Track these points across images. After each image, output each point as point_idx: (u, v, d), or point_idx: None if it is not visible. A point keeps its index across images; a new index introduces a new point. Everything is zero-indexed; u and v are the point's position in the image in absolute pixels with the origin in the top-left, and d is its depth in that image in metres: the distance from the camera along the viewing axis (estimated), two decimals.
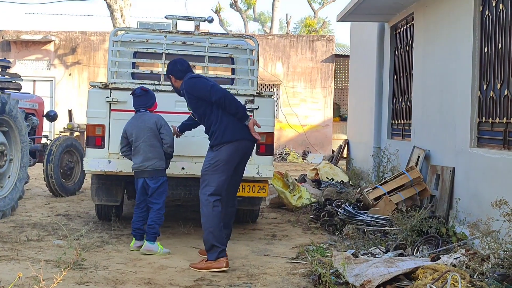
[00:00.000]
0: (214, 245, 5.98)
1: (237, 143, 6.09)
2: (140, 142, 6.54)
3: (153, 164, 6.53)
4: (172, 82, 6.48)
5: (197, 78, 6.33)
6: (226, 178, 6.09)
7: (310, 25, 34.51)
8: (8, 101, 8.17)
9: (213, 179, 6.04)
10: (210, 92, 6.07)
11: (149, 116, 6.63)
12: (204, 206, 6.04)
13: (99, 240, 6.92)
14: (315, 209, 8.98)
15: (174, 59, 6.67)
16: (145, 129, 6.53)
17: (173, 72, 6.41)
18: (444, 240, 6.33)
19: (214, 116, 6.12)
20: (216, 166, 6.05)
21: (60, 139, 10.68)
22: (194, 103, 6.24)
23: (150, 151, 6.53)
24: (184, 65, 6.44)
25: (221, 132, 6.07)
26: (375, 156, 11.07)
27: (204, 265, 5.94)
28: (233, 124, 6.10)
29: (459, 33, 7.56)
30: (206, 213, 6.03)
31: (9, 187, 8.37)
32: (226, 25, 43.58)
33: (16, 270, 5.42)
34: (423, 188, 8.06)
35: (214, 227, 5.99)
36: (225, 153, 6.06)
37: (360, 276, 5.05)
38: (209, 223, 6.00)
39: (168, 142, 6.60)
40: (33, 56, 23.30)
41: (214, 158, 6.07)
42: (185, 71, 6.39)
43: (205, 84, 6.18)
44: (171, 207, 9.56)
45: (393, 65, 11.11)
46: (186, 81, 6.27)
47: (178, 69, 6.39)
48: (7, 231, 7.33)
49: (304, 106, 23.03)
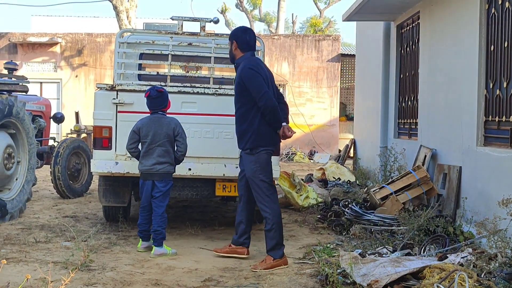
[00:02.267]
0: (279, 242, 6.11)
1: (270, 148, 6.21)
2: (155, 145, 6.53)
3: (164, 168, 6.54)
4: (232, 48, 6.34)
5: (257, 73, 6.12)
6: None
7: (316, 24, 34.50)
8: (15, 103, 8.20)
9: (265, 180, 6.16)
10: (261, 97, 6.03)
11: (167, 120, 6.59)
12: (268, 208, 6.14)
13: (107, 242, 6.95)
14: (322, 209, 8.98)
15: (245, 27, 6.58)
16: (162, 134, 6.52)
17: (239, 40, 6.29)
18: (451, 239, 6.32)
19: (252, 115, 6.14)
20: (262, 167, 6.16)
21: (67, 141, 10.71)
22: (241, 90, 6.17)
23: (163, 155, 6.54)
24: (252, 39, 6.33)
25: (255, 134, 6.12)
26: (382, 156, 11.06)
27: (273, 264, 6.02)
28: (266, 128, 6.16)
29: (465, 32, 7.55)
30: (272, 214, 6.13)
31: (17, 189, 8.40)
32: (232, 25, 43.59)
33: (25, 272, 5.44)
34: (430, 187, 8.05)
35: (279, 224, 6.15)
36: (265, 158, 6.18)
37: (368, 276, 5.05)
38: (277, 222, 6.13)
39: (183, 150, 6.60)
40: (39, 58, 23.38)
41: (258, 162, 6.16)
42: (251, 46, 6.31)
43: (260, 85, 6.07)
44: (178, 207, 9.58)
45: (399, 64, 11.10)
46: (246, 69, 6.13)
47: (246, 40, 6.30)
48: (15, 233, 7.36)
49: (310, 105, 23.03)
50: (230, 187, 7.33)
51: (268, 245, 6.15)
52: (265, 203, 6.16)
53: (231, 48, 6.39)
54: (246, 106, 6.16)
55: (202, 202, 10.02)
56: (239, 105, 6.26)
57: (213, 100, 7.27)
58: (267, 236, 6.18)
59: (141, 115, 6.75)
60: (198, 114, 7.22)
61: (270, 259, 6.06)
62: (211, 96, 7.29)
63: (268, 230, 6.15)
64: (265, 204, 6.16)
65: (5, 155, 8.12)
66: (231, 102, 7.11)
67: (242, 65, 6.23)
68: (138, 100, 7.01)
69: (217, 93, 7.30)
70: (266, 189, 6.18)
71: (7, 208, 8.00)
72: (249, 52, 6.32)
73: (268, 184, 6.20)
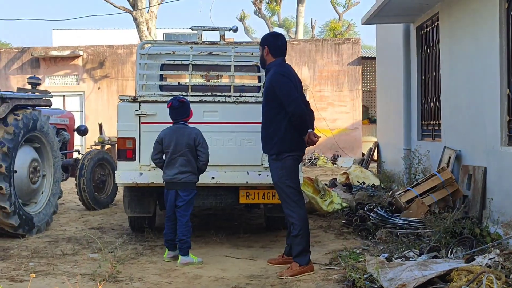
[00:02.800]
0: (306, 249, 6.12)
1: (296, 154, 6.21)
2: (177, 155, 6.58)
3: (187, 177, 6.58)
4: (264, 53, 6.36)
5: (288, 80, 6.16)
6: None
7: (335, 28, 34.44)
8: (39, 117, 8.30)
9: (291, 186, 6.17)
10: (290, 102, 6.05)
11: (188, 131, 6.64)
12: (296, 214, 6.14)
13: (133, 252, 6.99)
14: (347, 214, 8.95)
15: (276, 32, 6.65)
16: (183, 143, 6.56)
17: (270, 46, 6.32)
18: (478, 241, 6.26)
19: (279, 120, 6.15)
20: (288, 173, 6.16)
21: (91, 153, 10.80)
22: (269, 96, 6.19)
23: (185, 165, 6.58)
24: (284, 44, 6.39)
25: (281, 139, 6.13)
26: (406, 158, 11.00)
27: (299, 270, 6.01)
28: (292, 133, 6.16)
29: (485, 31, 7.49)
30: (299, 220, 6.12)
31: (43, 202, 8.49)
32: (251, 32, 43.74)
33: (53, 285, 5.50)
34: (455, 189, 7.99)
35: (306, 230, 6.16)
36: (291, 163, 6.18)
37: (395, 280, 5.03)
38: (304, 228, 6.14)
39: (204, 160, 6.64)
40: (62, 72, 23.62)
41: (284, 168, 6.16)
42: (282, 52, 6.35)
43: (290, 91, 6.10)
44: (202, 216, 9.61)
45: (420, 65, 11.05)
46: (277, 74, 6.17)
47: (277, 45, 6.33)
48: (43, 246, 7.43)
49: (332, 109, 22.97)
50: (254, 194, 7.34)
51: (294, 251, 6.14)
52: (292, 209, 6.16)
53: (262, 53, 6.41)
54: (274, 111, 6.18)
55: (226, 210, 10.04)
56: (266, 109, 6.27)
57: (234, 108, 7.29)
58: (294, 242, 6.17)
59: (164, 126, 6.79)
60: (219, 122, 7.24)
61: (296, 265, 6.04)
62: (232, 104, 7.31)
63: (295, 235, 6.13)
64: (292, 210, 6.16)
65: (30, 169, 8.22)
66: (252, 110, 7.14)
67: (272, 70, 6.25)
68: (161, 110, 7.06)
69: (238, 101, 7.32)
70: (293, 195, 6.18)
71: (34, 222, 8.08)
72: (280, 58, 6.34)
73: (295, 190, 6.20)
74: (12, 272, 6.08)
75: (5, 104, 7.70)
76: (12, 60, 23.94)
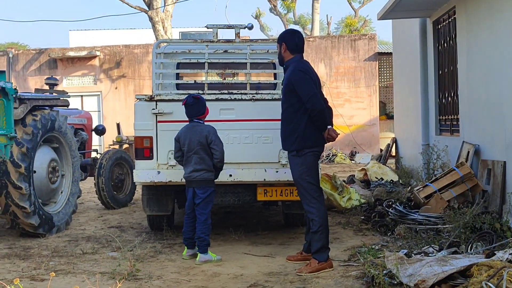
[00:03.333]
0: (325, 245, 6.12)
1: (316, 150, 6.21)
2: (191, 153, 6.60)
3: (201, 175, 6.59)
4: (282, 50, 6.37)
5: (307, 76, 6.16)
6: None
7: (351, 24, 34.36)
8: (57, 118, 8.35)
9: (311, 182, 6.18)
10: (309, 99, 6.06)
11: (201, 128, 6.65)
12: (316, 210, 6.14)
13: (152, 250, 7.02)
14: (365, 210, 8.92)
15: (293, 29, 6.68)
16: (195, 142, 6.58)
17: (288, 43, 6.33)
18: (498, 236, 6.22)
19: (298, 117, 6.15)
20: (309, 169, 6.17)
21: (109, 152, 10.85)
22: (289, 92, 6.20)
23: (199, 163, 6.59)
24: (302, 41, 6.40)
25: (301, 135, 6.13)
26: (424, 153, 10.94)
27: (317, 267, 6.00)
28: (312, 130, 6.17)
29: (503, 24, 7.43)
30: (318, 216, 6.13)
31: (63, 202, 8.55)
32: (267, 30, 43.69)
33: (73, 284, 5.53)
34: (474, 184, 7.93)
35: (325, 227, 6.16)
36: (311, 159, 6.18)
37: (414, 276, 5.00)
38: (324, 224, 6.14)
39: (219, 157, 6.62)
40: (79, 72, 23.77)
41: (304, 164, 6.16)
42: (300, 49, 6.36)
43: (309, 87, 6.11)
44: (220, 214, 9.63)
45: (437, 60, 10.97)
46: (296, 72, 6.17)
47: (295, 42, 6.34)
48: (63, 245, 7.48)
49: (349, 106, 22.90)
50: (271, 191, 7.33)
51: (313, 247, 6.13)
52: (312, 205, 6.16)
53: (280, 50, 6.40)
54: (293, 107, 6.18)
55: (244, 208, 10.05)
56: (286, 106, 6.27)
57: (251, 106, 7.29)
58: (313, 239, 6.16)
59: (181, 124, 6.81)
60: (236, 120, 7.24)
61: (315, 262, 6.03)
62: (248, 102, 7.31)
63: (315, 232, 6.12)
64: (312, 206, 6.16)
65: (49, 169, 8.28)
66: (268, 107, 7.14)
67: (291, 67, 6.25)
68: (177, 109, 7.07)
69: (254, 99, 7.32)
70: (313, 191, 6.18)
71: (54, 221, 8.14)
72: (298, 55, 6.34)
73: (315, 186, 6.20)
74: (32, 271, 6.13)
75: (23, 105, 7.76)
76: (30, 61, 24.13)
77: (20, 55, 24.36)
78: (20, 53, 24.70)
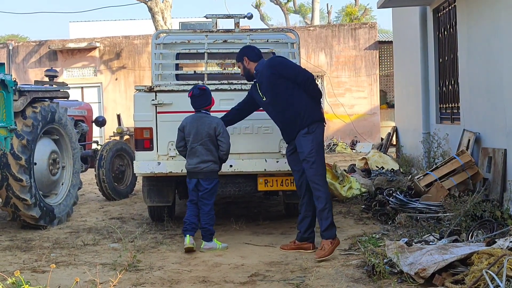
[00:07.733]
0: (332, 222, 6.27)
1: (321, 124, 6.42)
2: (197, 145, 6.60)
3: (208, 166, 6.61)
4: (245, 64, 6.63)
5: (285, 58, 6.62)
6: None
7: (352, 13, 34.20)
8: (57, 109, 8.34)
9: (320, 159, 6.32)
10: (299, 72, 6.39)
11: (209, 120, 6.66)
12: (322, 187, 6.26)
13: (153, 241, 7.02)
14: (366, 199, 8.92)
15: (247, 45, 7.09)
16: (203, 133, 6.58)
17: (248, 54, 6.63)
18: (499, 224, 6.21)
19: (297, 96, 6.32)
20: (318, 146, 6.32)
21: (110, 144, 10.85)
22: (274, 81, 6.38)
23: (206, 154, 6.60)
24: (258, 49, 6.72)
25: (308, 110, 6.30)
26: (425, 142, 10.92)
27: (331, 247, 6.12)
28: (314, 104, 6.39)
29: (503, 12, 7.40)
30: (325, 193, 6.26)
31: (63, 193, 8.56)
32: (267, 19, 43.56)
33: (74, 275, 5.53)
34: (475, 172, 7.92)
35: (331, 204, 6.33)
36: (320, 134, 6.37)
37: (415, 264, 5.01)
38: (329, 201, 6.28)
39: (225, 149, 6.66)
40: (79, 64, 23.75)
41: (315, 140, 6.29)
42: (260, 55, 6.65)
43: (293, 64, 6.58)
44: (221, 204, 9.63)
45: (438, 48, 10.94)
46: (274, 58, 6.62)
47: (255, 53, 6.64)
48: (64, 237, 7.49)
49: (350, 95, 22.87)
50: (272, 181, 7.33)
51: (322, 226, 6.23)
52: (319, 182, 6.27)
53: (244, 67, 6.68)
54: (287, 91, 6.34)
55: (245, 198, 10.05)
56: (278, 98, 6.40)
57: None
58: (321, 217, 6.25)
59: (181, 115, 6.80)
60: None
61: (328, 243, 6.13)
62: None
63: (322, 209, 6.23)
64: (319, 183, 6.26)
65: (50, 161, 8.27)
66: None
67: (261, 68, 6.53)
68: (177, 100, 7.06)
69: None
70: (322, 169, 6.33)
71: (55, 213, 8.15)
72: (260, 60, 6.63)
73: (322, 163, 6.36)
74: (34, 263, 6.14)
75: (23, 97, 7.75)
76: (30, 53, 24.11)
77: (20, 47, 24.35)
78: (20, 45, 24.68)
